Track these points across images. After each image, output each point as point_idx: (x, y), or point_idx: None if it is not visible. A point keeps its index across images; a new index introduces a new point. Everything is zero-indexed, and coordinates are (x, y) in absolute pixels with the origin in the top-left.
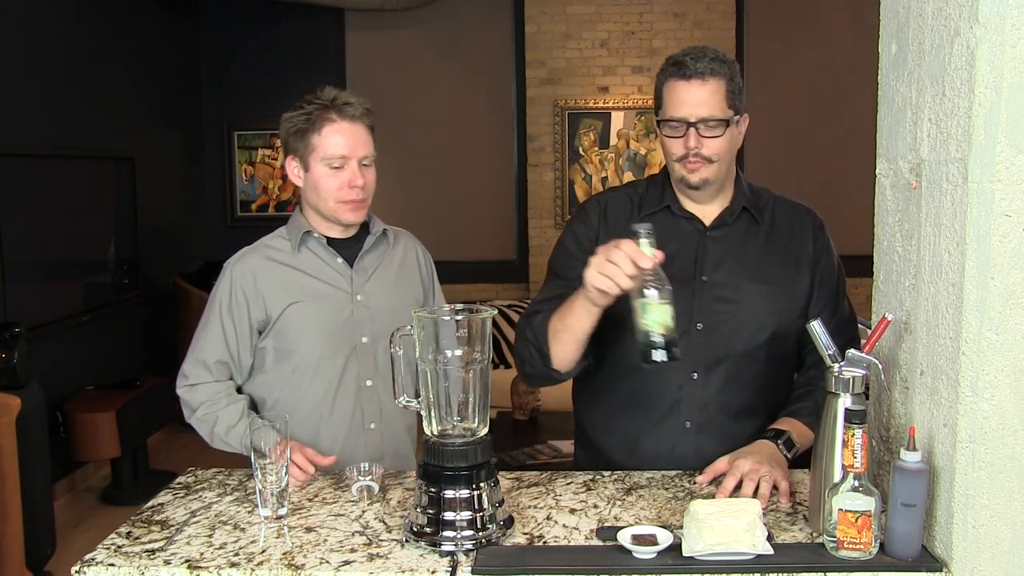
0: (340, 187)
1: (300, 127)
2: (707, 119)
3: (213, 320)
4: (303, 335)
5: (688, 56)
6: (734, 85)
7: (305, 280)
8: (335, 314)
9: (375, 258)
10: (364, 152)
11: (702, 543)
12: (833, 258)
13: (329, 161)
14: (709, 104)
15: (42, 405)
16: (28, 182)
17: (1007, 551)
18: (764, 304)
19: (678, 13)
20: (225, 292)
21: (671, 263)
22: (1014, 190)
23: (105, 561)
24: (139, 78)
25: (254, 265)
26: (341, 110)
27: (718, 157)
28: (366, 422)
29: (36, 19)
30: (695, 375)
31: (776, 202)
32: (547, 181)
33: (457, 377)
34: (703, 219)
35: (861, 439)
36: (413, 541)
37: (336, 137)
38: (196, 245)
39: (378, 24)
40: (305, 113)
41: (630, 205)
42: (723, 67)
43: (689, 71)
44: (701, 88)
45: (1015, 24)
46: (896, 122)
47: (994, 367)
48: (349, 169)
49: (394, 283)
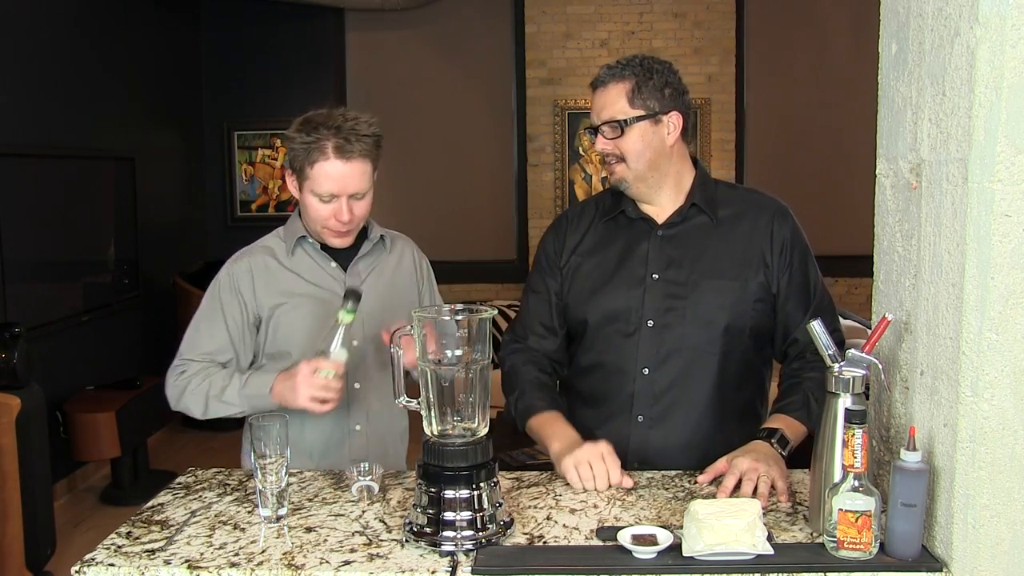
0: (328, 217)
1: (298, 153)
2: (607, 121)
3: (214, 313)
4: (292, 337)
5: (607, 66)
6: (650, 85)
7: (297, 282)
8: (325, 317)
9: (369, 263)
10: (355, 189)
11: (702, 543)
12: (800, 247)
13: (319, 196)
14: (608, 108)
15: (42, 405)
16: (28, 182)
17: (1007, 551)
18: (716, 299)
19: (678, 13)
20: (225, 289)
21: (624, 263)
22: (1014, 190)
23: (105, 561)
24: (139, 78)
25: (250, 265)
26: (340, 149)
27: (630, 153)
28: (352, 423)
29: (36, 19)
30: (645, 370)
31: (737, 196)
32: (547, 181)
33: (457, 377)
34: (656, 219)
35: (861, 439)
36: (413, 541)
37: (327, 178)
38: (196, 245)
39: (378, 24)
40: (305, 143)
41: (592, 213)
42: (630, 71)
43: (595, 82)
44: (602, 95)
45: (1015, 24)
46: (896, 122)
47: (994, 367)
48: (337, 203)
49: (388, 288)
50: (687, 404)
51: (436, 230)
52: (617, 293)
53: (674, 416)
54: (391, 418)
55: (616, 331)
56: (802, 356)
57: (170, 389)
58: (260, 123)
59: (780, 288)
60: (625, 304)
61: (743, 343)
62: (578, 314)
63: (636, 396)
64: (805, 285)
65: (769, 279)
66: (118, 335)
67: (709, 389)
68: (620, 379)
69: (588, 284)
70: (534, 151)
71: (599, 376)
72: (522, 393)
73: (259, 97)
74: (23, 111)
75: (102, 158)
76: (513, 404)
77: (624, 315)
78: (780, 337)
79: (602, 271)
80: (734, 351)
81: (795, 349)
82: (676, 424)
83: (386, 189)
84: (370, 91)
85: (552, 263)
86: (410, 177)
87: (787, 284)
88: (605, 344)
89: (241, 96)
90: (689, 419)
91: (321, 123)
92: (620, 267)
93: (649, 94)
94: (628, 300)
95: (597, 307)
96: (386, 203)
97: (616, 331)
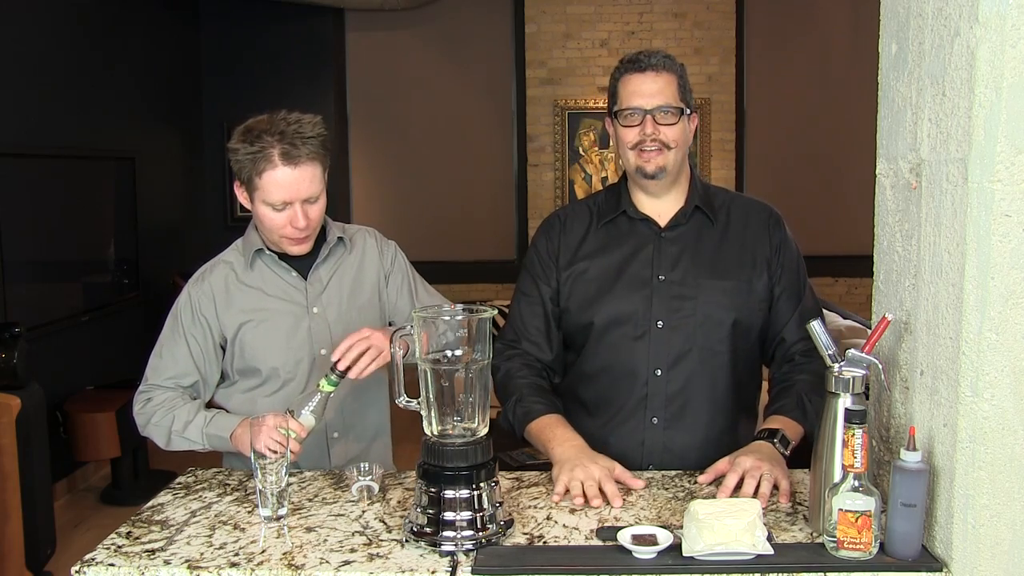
0: (283, 225)
1: (244, 164)
2: (663, 106)
3: (176, 338)
4: (259, 353)
5: (642, 54)
6: (685, 83)
7: (259, 298)
8: (291, 329)
9: (330, 267)
10: (307, 194)
11: (702, 543)
12: (792, 251)
13: (271, 205)
14: (664, 93)
15: (42, 405)
16: (28, 182)
17: (1007, 551)
18: (722, 299)
19: (678, 13)
20: (187, 312)
21: (629, 265)
22: (1014, 190)
23: (105, 561)
24: (139, 78)
25: (212, 285)
26: (287, 154)
27: (675, 144)
28: (329, 431)
29: (36, 19)
30: (658, 372)
31: (732, 201)
32: (547, 181)
33: (457, 377)
34: (658, 220)
35: (861, 439)
36: (413, 541)
37: (276, 186)
38: (196, 245)
39: (378, 24)
40: (250, 153)
41: (588, 216)
42: (675, 65)
43: (644, 64)
44: (656, 79)
45: (1015, 24)
46: (896, 122)
47: (994, 367)
48: (291, 210)
49: (351, 289)
50: (701, 403)
51: (436, 230)
52: (624, 296)
53: (689, 416)
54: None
55: (624, 334)
56: (790, 359)
57: (136, 416)
58: None
59: (774, 292)
60: (632, 307)
61: (750, 342)
62: (582, 319)
63: (649, 398)
64: (796, 287)
65: (772, 280)
66: (118, 335)
67: (722, 387)
68: (631, 382)
69: (592, 288)
70: (534, 151)
71: (606, 381)
72: (520, 398)
73: (259, 97)
74: (23, 111)
75: (102, 158)
76: (511, 410)
77: (632, 318)
78: (768, 337)
79: (606, 274)
80: (742, 349)
81: (782, 350)
82: (692, 423)
83: (386, 189)
84: (370, 91)
85: (546, 267)
86: (410, 177)
87: (780, 288)
88: (612, 348)
89: (241, 96)
90: (704, 417)
91: (264, 130)
92: (625, 270)
93: (687, 90)
94: (635, 302)
95: (603, 311)
96: (386, 203)
97: (624, 334)
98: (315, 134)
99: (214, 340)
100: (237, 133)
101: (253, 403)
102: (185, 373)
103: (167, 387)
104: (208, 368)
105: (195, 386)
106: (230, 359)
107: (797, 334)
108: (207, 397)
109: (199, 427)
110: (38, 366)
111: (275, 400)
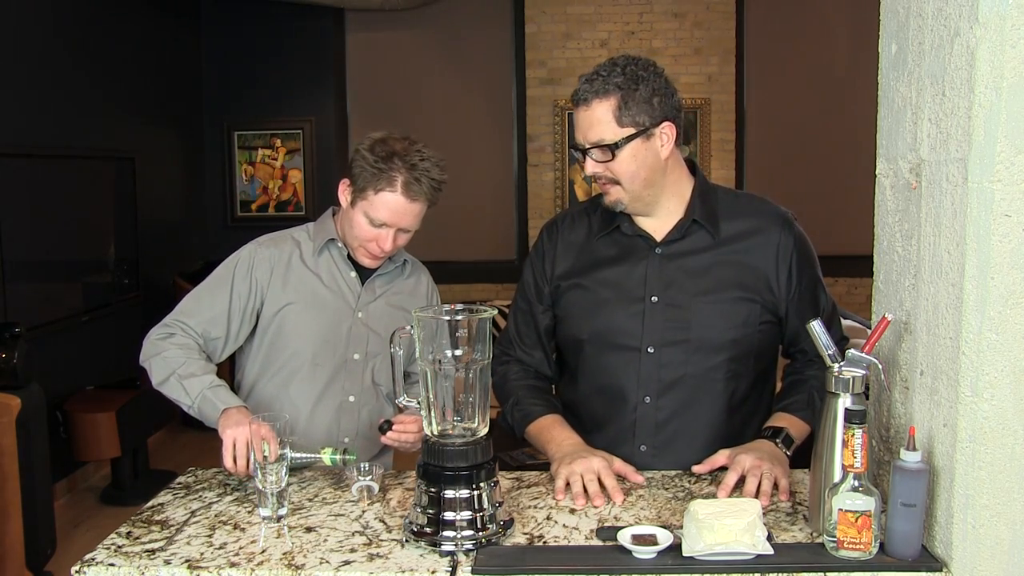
0: (370, 240)
1: (366, 173)
2: (595, 143)
3: (223, 286)
4: (297, 336)
5: (586, 78)
6: (636, 98)
7: (315, 284)
8: (334, 324)
9: (386, 281)
10: (407, 225)
11: (702, 543)
12: (807, 259)
13: (371, 219)
14: (594, 129)
15: (42, 405)
16: (28, 182)
17: (1007, 551)
18: (719, 322)
19: (678, 13)
20: (243, 268)
21: (622, 283)
22: (1014, 190)
23: (105, 561)
24: (139, 78)
25: (275, 255)
26: (408, 187)
27: (623, 175)
28: (340, 435)
29: (36, 19)
30: (647, 399)
31: (739, 208)
32: (547, 181)
33: (457, 377)
34: (654, 235)
35: (861, 439)
36: (413, 541)
37: (386, 208)
38: (196, 245)
39: (378, 24)
40: (376, 168)
41: (586, 229)
42: (615, 84)
43: (578, 96)
44: (586, 114)
45: (1015, 24)
46: (896, 122)
47: (994, 367)
48: (386, 231)
49: (398, 310)
50: (691, 434)
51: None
52: (615, 314)
53: (678, 446)
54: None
55: (615, 355)
56: (804, 356)
57: (148, 343)
58: (260, 123)
59: (789, 307)
60: (623, 325)
61: (748, 367)
62: (572, 333)
63: (638, 424)
64: (814, 302)
65: (777, 299)
66: (118, 335)
67: (714, 418)
68: (621, 405)
69: (584, 302)
70: (534, 151)
71: (599, 402)
72: (517, 400)
73: (259, 97)
74: (23, 111)
75: (102, 158)
76: (509, 412)
77: (622, 337)
78: (787, 344)
79: (599, 291)
80: (739, 376)
81: (794, 348)
82: (681, 454)
83: None
84: (370, 91)
85: (540, 279)
86: None
87: (796, 302)
88: (604, 368)
89: (241, 96)
90: (694, 449)
91: (397, 153)
92: (618, 287)
93: (638, 108)
94: (626, 321)
95: (593, 328)
96: None
97: (615, 355)
98: (439, 178)
99: (254, 304)
100: (370, 140)
101: (280, 388)
102: (216, 322)
103: (193, 333)
104: (237, 327)
105: (217, 342)
106: (264, 330)
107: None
108: (220, 358)
109: (203, 385)
110: (38, 366)
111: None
